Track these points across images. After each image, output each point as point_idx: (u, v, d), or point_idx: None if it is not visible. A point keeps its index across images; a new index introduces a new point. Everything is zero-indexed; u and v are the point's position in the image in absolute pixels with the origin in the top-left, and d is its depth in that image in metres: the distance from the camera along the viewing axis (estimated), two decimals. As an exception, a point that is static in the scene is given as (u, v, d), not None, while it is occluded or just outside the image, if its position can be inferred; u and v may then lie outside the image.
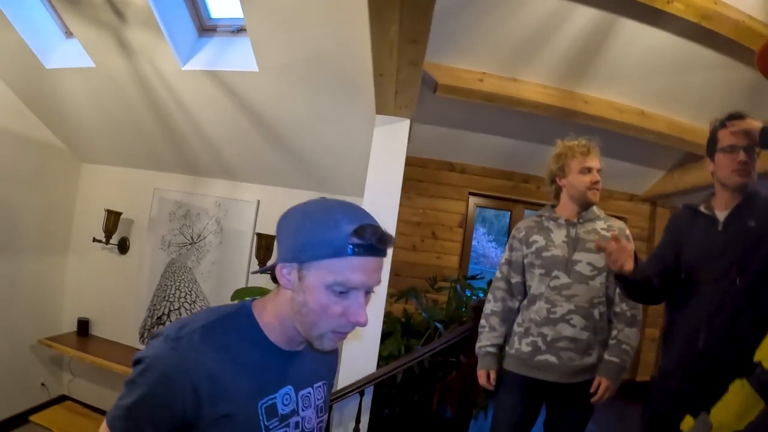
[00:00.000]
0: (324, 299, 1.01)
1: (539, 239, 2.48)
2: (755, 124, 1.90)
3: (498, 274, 2.63)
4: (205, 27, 3.45)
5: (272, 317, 1.11)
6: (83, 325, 4.78)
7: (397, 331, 3.64)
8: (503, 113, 4.18)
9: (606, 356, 2.34)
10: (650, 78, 3.95)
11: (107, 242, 4.57)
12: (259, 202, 4.41)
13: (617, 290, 2.37)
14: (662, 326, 2.22)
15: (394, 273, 4.54)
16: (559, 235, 2.45)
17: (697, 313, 1.94)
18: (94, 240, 4.61)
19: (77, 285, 4.96)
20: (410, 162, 4.75)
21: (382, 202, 3.21)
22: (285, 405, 1.11)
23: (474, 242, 13.32)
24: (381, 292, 3.23)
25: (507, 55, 3.74)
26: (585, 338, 2.33)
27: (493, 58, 3.75)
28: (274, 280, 1.13)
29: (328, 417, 1.27)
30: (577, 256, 2.38)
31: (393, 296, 4.01)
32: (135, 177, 4.76)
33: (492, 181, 5.27)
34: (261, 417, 1.05)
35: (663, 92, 4.06)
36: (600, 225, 2.44)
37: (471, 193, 5.27)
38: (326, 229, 1.01)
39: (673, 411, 1.94)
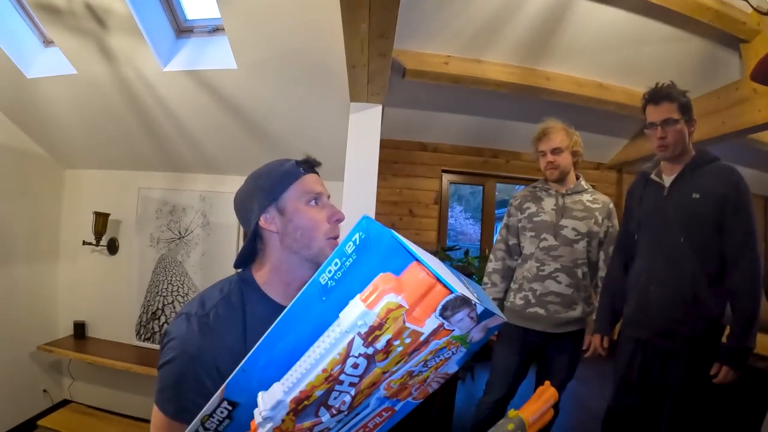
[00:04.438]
0: (309, 213, 1.28)
1: (531, 206, 2.80)
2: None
3: (498, 237, 2.96)
4: (182, 28, 3.57)
5: (268, 273, 1.31)
6: (80, 328, 4.90)
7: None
8: (470, 93, 4.36)
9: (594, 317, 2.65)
10: (607, 52, 4.18)
11: (97, 244, 4.68)
12: (242, 193, 4.53)
13: (602, 256, 2.68)
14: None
15: (377, 252, 4.69)
16: (548, 203, 2.75)
17: (649, 268, 2.23)
18: (84, 243, 4.72)
19: (70, 289, 5.05)
20: (384, 144, 4.91)
21: (361, 184, 3.41)
22: None
23: (451, 220, 13.47)
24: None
25: (470, 38, 3.93)
26: (569, 294, 2.61)
27: (457, 42, 3.94)
28: (253, 248, 1.36)
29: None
30: (563, 222, 2.66)
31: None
32: (119, 178, 4.86)
33: (463, 157, 5.44)
34: None
35: (620, 65, 4.29)
36: (586, 197, 2.72)
37: (444, 171, 5.44)
38: (277, 170, 1.31)
39: (633, 354, 2.21)
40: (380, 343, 0.74)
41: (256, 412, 0.85)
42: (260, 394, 0.87)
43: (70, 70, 3.67)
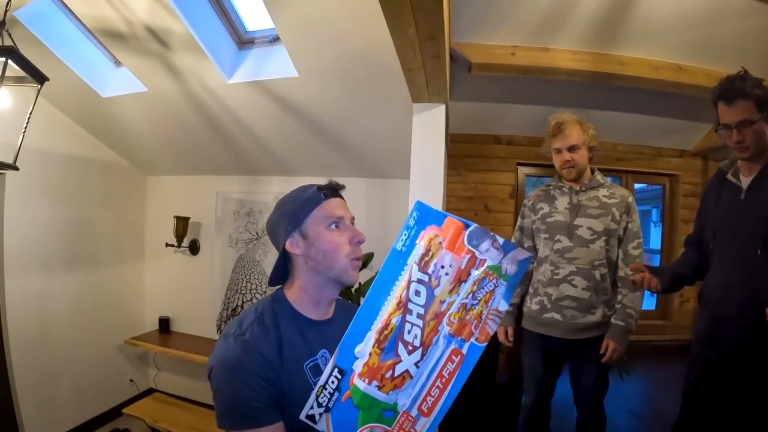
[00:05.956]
0: (329, 237, 1.36)
1: (544, 206, 2.69)
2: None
3: (512, 240, 2.82)
4: (244, 41, 3.63)
5: (298, 293, 1.41)
6: (164, 323, 5.17)
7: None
8: (541, 82, 4.19)
9: (612, 320, 2.48)
10: (683, 31, 3.89)
11: (179, 246, 4.89)
12: (315, 193, 4.58)
13: (620, 254, 2.52)
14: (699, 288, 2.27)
15: (453, 248, 4.64)
16: (562, 202, 2.63)
17: (722, 281, 2.00)
18: (167, 245, 4.95)
19: (155, 287, 5.35)
20: (456, 139, 4.85)
21: (427, 181, 3.36)
22: (325, 364, 1.33)
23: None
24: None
25: (536, 26, 3.75)
26: (586, 298, 2.48)
27: (522, 31, 3.78)
28: (285, 268, 1.46)
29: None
30: (578, 221, 2.53)
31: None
32: (198, 183, 5.07)
33: (539, 149, 5.17)
34: (308, 376, 1.30)
35: (698, 45, 4.00)
36: (602, 192, 2.57)
37: (519, 164, 5.25)
38: (301, 196, 1.39)
39: (703, 374, 2.05)
40: (431, 269, 1.04)
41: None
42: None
43: (141, 87, 3.84)
